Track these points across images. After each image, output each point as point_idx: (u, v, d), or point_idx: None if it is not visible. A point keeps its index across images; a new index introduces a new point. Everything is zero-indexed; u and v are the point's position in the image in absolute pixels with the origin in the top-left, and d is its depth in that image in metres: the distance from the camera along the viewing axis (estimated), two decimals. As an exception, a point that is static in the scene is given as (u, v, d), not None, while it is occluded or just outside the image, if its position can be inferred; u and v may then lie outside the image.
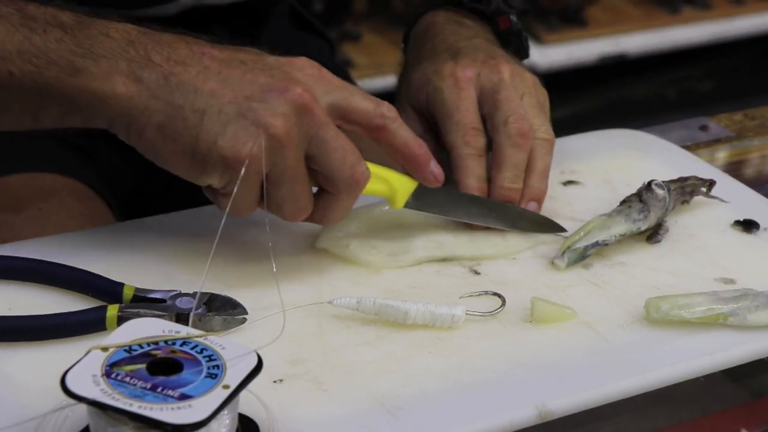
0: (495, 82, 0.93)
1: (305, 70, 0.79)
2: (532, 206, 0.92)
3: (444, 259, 0.87)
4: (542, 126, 0.94)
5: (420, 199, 0.87)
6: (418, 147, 0.84)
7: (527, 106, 0.94)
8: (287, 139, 0.76)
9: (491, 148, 0.93)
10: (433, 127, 0.97)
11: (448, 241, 0.89)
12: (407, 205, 0.87)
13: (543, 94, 0.97)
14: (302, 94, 0.77)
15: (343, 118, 0.80)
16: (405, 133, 0.83)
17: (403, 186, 0.86)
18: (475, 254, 0.88)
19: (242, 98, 0.76)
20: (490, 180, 0.92)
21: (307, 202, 0.80)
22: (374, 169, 0.83)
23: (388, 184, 0.85)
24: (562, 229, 0.91)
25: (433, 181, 0.85)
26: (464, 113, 0.92)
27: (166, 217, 0.91)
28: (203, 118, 0.75)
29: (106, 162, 1.13)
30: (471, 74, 0.94)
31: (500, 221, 0.90)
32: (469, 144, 0.91)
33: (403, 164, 0.85)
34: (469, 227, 0.90)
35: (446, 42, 0.99)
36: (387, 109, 0.82)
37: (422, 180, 0.86)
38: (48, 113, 0.78)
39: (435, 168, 0.85)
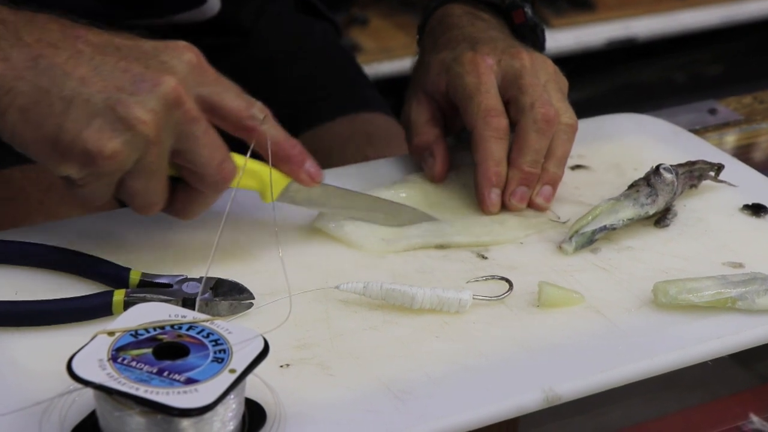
0: (517, 68, 0.93)
1: (183, 56, 0.76)
2: (546, 190, 0.92)
3: (440, 246, 0.87)
4: (567, 112, 0.93)
5: (294, 194, 0.84)
6: (291, 147, 0.82)
7: (551, 91, 0.93)
8: (154, 137, 0.73)
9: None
10: (445, 113, 0.96)
11: (445, 228, 0.88)
12: (280, 200, 0.84)
13: (564, 82, 0.96)
14: (175, 87, 0.73)
15: (213, 113, 0.77)
16: (277, 133, 0.80)
17: (274, 181, 0.82)
18: (471, 241, 0.87)
19: (113, 88, 0.72)
20: (508, 162, 0.91)
21: (160, 198, 0.77)
22: (245, 163, 0.80)
23: (258, 179, 0.82)
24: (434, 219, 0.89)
25: (309, 181, 0.83)
26: (485, 95, 0.91)
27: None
28: (70, 107, 0.72)
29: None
30: (491, 61, 0.93)
31: (379, 216, 0.88)
32: (490, 125, 0.90)
33: (277, 164, 0.82)
34: (468, 214, 0.90)
35: (464, 33, 0.98)
36: (258, 110, 0.79)
37: (297, 180, 0.83)
38: None
39: (311, 168, 0.83)
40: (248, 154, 0.79)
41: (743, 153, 1.09)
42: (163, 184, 0.77)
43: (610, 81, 2.79)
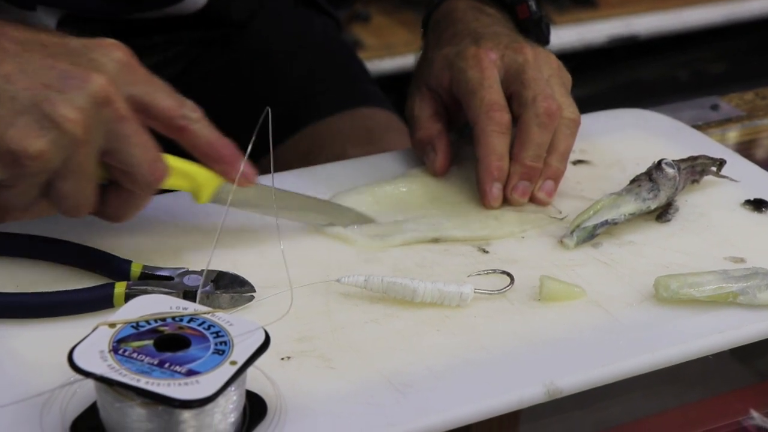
0: (520, 63, 0.93)
1: (112, 54, 0.74)
2: (548, 185, 0.92)
3: (436, 240, 0.87)
4: (569, 106, 0.93)
5: (227, 195, 0.80)
6: (224, 147, 0.79)
7: (554, 86, 0.93)
8: (82, 136, 0.70)
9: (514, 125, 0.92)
10: (448, 109, 0.96)
11: (442, 222, 0.88)
12: (213, 200, 0.81)
13: (567, 77, 0.96)
14: (104, 86, 0.71)
15: (144, 113, 0.75)
16: (209, 134, 0.78)
17: (207, 181, 0.80)
18: (467, 236, 0.87)
19: (39, 86, 0.70)
20: (510, 157, 0.91)
21: (89, 200, 0.74)
22: (177, 163, 0.79)
23: (191, 180, 0.80)
24: (371, 220, 0.89)
25: (243, 182, 0.80)
26: (488, 90, 0.91)
27: (174, 195, 0.91)
28: None
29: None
30: (494, 56, 0.93)
31: (316, 217, 0.87)
32: (493, 120, 0.90)
33: (209, 165, 0.79)
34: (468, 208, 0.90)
35: (468, 28, 0.98)
36: (190, 109, 0.77)
37: (231, 180, 0.80)
38: None
39: (246, 168, 0.80)
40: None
41: (745, 149, 1.09)
42: (93, 185, 0.74)
43: (612, 78, 2.78)
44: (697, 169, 0.95)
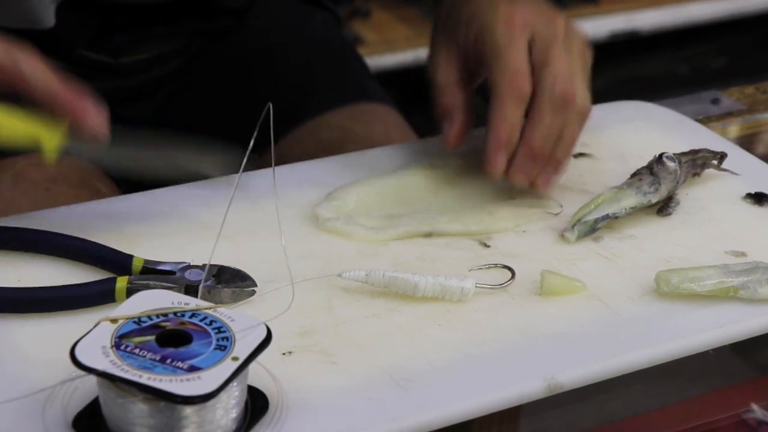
0: (549, 35, 0.90)
1: None
2: (549, 174, 0.90)
3: (428, 234, 0.87)
4: (584, 96, 0.90)
5: (76, 151, 0.78)
6: (65, 92, 0.74)
7: (576, 70, 0.90)
8: None
9: None
10: (471, 67, 0.94)
11: (435, 216, 0.88)
12: (65, 152, 0.77)
13: (588, 58, 0.93)
14: None
15: None
16: (44, 77, 0.73)
17: (50, 136, 0.76)
18: (460, 230, 0.87)
19: None
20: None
21: None
22: (6, 119, 0.75)
23: (30, 138, 0.76)
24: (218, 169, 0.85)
25: (95, 133, 0.76)
26: (515, 56, 0.88)
27: (175, 189, 0.91)
28: None
29: (116, 137, 1.13)
30: (526, 19, 0.90)
31: (165, 172, 0.84)
32: (514, 88, 0.88)
33: (54, 116, 0.75)
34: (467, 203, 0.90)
35: None
36: (20, 52, 0.73)
37: (86, 132, 0.75)
38: None
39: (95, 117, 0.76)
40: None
41: (746, 143, 1.09)
42: None
43: (614, 74, 2.78)
44: (698, 162, 0.94)
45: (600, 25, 2.68)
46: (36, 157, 1.02)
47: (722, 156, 0.96)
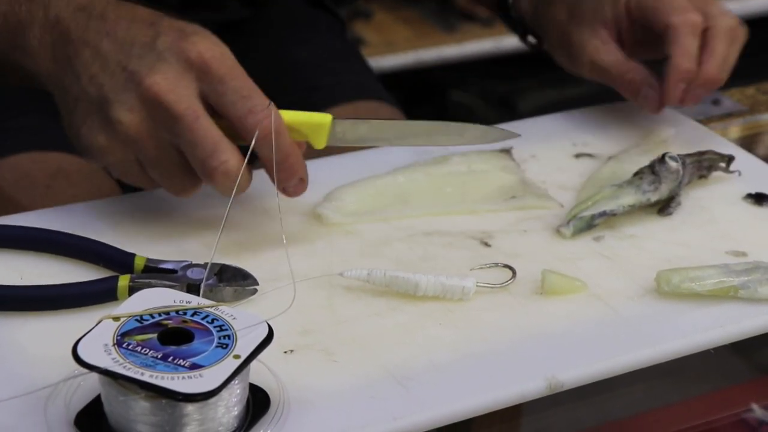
0: None
1: (187, 51, 0.76)
2: (697, 94, 0.96)
3: (429, 233, 0.87)
4: (728, 13, 0.97)
5: (341, 135, 0.83)
6: (291, 162, 0.79)
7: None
8: (135, 134, 0.76)
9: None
10: (625, 39, 0.98)
11: (435, 216, 0.89)
12: (330, 142, 0.83)
13: None
14: (153, 84, 0.75)
15: (214, 111, 0.78)
16: (267, 154, 0.78)
17: (318, 126, 0.82)
18: (460, 229, 0.87)
19: (107, 88, 0.77)
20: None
21: (185, 184, 0.79)
22: (285, 116, 0.79)
23: (301, 133, 0.81)
24: (513, 135, 0.88)
25: (286, 194, 0.81)
26: None
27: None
28: (77, 106, 0.78)
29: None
30: None
31: (443, 138, 0.86)
32: (688, 21, 0.93)
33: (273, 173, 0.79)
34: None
35: None
36: (252, 123, 0.77)
37: (282, 191, 0.80)
38: (9, 78, 0.84)
39: (297, 186, 0.81)
40: (248, 154, 0.78)
41: (746, 143, 1.09)
42: (179, 172, 0.78)
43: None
44: (704, 164, 0.94)
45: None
46: (37, 155, 1.03)
47: (730, 159, 0.96)
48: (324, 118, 0.82)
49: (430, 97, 2.26)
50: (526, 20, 1.08)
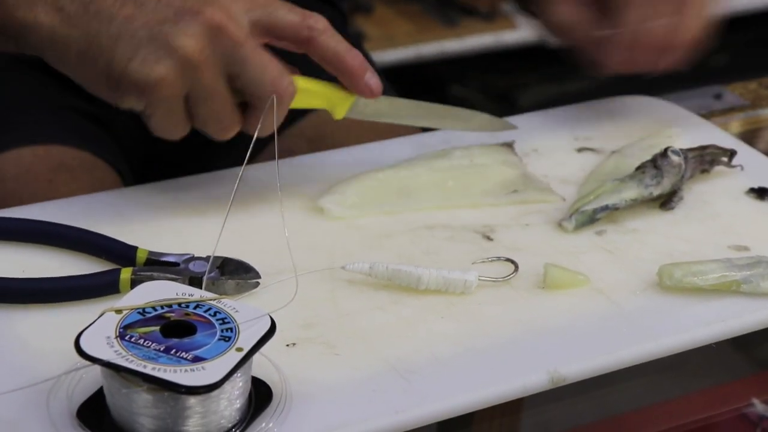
0: None
1: None
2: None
3: (431, 227, 0.87)
4: None
5: (362, 108, 0.86)
6: (352, 58, 0.83)
7: None
8: (200, 60, 0.76)
9: None
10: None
11: (438, 210, 0.89)
12: (349, 115, 0.86)
13: None
14: (214, 13, 0.76)
15: (270, 34, 0.80)
16: (336, 44, 0.82)
17: (341, 99, 0.85)
18: (462, 223, 0.87)
19: (155, 22, 0.76)
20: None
21: (230, 120, 0.80)
22: (309, 84, 0.84)
23: (324, 98, 0.85)
24: (512, 126, 0.92)
25: (369, 94, 0.85)
26: None
27: (179, 181, 0.91)
28: (117, 43, 0.76)
29: (120, 128, 1.13)
30: None
31: (452, 122, 0.91)
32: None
33: (338, 76, 0.84)
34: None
35: None
36: (315, 21, 0.81)
37: (359, 92, 0.85)
38: None
39: (371, 79, 0.84)
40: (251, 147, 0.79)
41: (748, 138, 1.09)
42: (229, 107, 0.79)
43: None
44: (706, 158, 0.94)
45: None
46: (38, 149, 1.02)
47: (732, 153, 0.96)
48: (346, 96, 0.85)
49: (431, 92, 2.26)
50: None
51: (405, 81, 1.02)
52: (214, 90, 0.78)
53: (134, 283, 0.74)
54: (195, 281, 0.76)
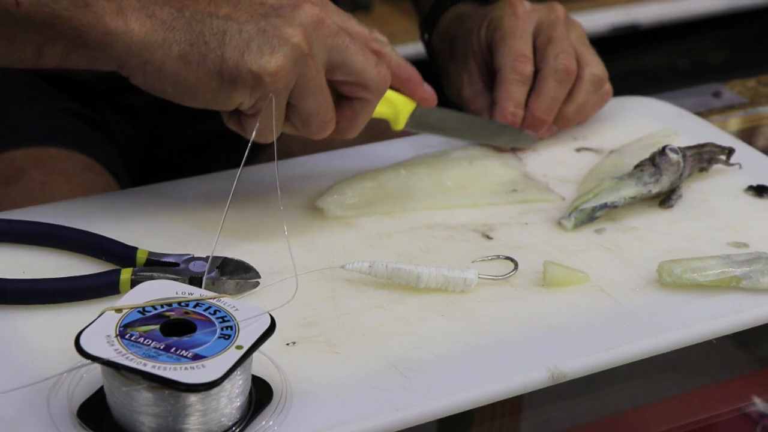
0: (552, 19, 0.99)
1: None
2: (552, 130, 0.98)
3: (431, 226, 0.87)
4: (597, 64, 0.99)
5: (417, 119, 0.90)
6: (412, 69, 0.88)
7: (581, 46, 0.99)
8: (308, 48, 0.77)
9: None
10: (491, 71, 1.00)
11: (437, 209, 0.89)
12: (407, 126, 0.90)
13: (587, 40, 1.02)
14: (312, 7, 0.78)
15: None
16: (397, 57, 0.86)
17: (404, 106, 0.89)
18: (462, 222, 0.88)
19: (258, 16, 0.77)
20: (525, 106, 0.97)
21: (332, 115, 0.81)
22: None
23: (392, 105, 0.88)
24: (533, 141, 0.98)
25: (429, 101, 0.89)
26: (518, 40, 0.97)
27: (178, 183, 0.91)
28: (225, 38, 0.76)
29: (117, 132, 1.13)
30: (529, 8, 0.99)
31: (481, 136, 0.96)
32: (516, 70, 0.96)
33: (399, 86, 0.88)
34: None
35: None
36: (379, 35, 0.85)
37: (419, 99, 0.89)
38: (52, 49, 0.76)
39: (428, 88, 0.89)
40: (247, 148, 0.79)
41: (747, 136, 1.09)
42: (330, 100, 0.80)
43: (614, 67, 2.78)
44: (704, 156, 0.94)
45: (600, 19, 2.68)
46: (32, 151, 1.02)
47: (730, 151, 0.96)
48: (408, 103, 0.89)
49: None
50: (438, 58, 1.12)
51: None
52: (320, 81, 0.78)
53: (134, 284, 0.74)
54: (195, 281, 0.76)
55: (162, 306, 0.66)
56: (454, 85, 1.04)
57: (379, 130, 1.14)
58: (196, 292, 0.68)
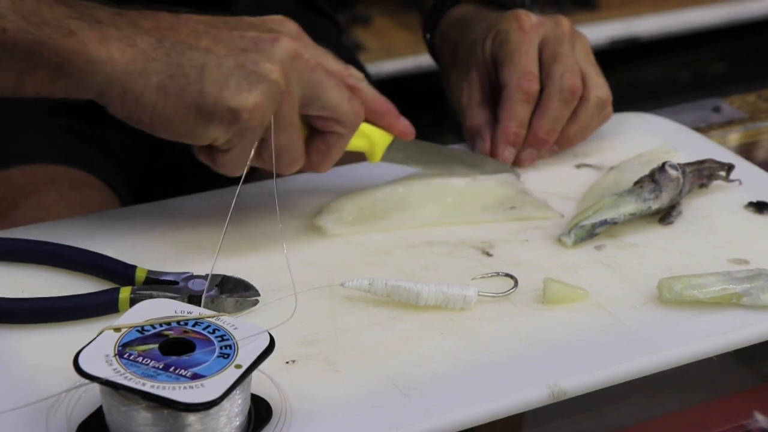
0: (558, 34, 0.98)
1: (285, 24, 0.81)
2: (553, 149, 0.98)
3: (430, 243, 0.87)
4: (601, 86, 0.99)
5: (394, 152, 0.90)
6: (387, 103, 0.88)
7: (587, 64, 0.98)
8: (285, 85, 0.77)
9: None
10: (493, 84, 1.00)
11: (436, 226, 0.89)
12: (384, 159, 0.90)
13: (592, 56, 1.01)
14: (291, 41, 0.78)
15: None
16: (373, 92, 0.86)
17: (380, 140, 0.89)
18: (461, 239, 0.87)
19: (237, 50, 0.77)
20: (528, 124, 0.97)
21: (302, 151, 0.81)
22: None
23: (368, 139, 0.88)
24: (512, 170, 0.97)
25: (406, 134, 0.89)
26: (524, 56, 0.96)
27: (177, 200, 0.91)
28: (204, 72, 0.75)
29: (116, 147, 1.13)
30: (536, 21, 0.98)
31: (459, 171, 0.94)
32: (522, 88, 0.96)
33: (376, 120, 0.87)
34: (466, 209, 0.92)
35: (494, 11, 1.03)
36: (354, 71, 0.84)
37: (396, 133, 0.89)
38: (34, 76, 0.75)
39: (405, 121, 0.89)
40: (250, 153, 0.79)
41: (747, 151, 1.09)
42: (302, 137, 0.81)
43: (614, 80, 2.78)
44: (704, 173, 0.94)
45: (600, 32, 2.69)
46: (27, 169, 1.02)
47: (730, 167, 0.96)
48: (384, 136, 0.89)
49: (430, 102, 2.26)
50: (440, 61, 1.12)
51: (404, 91, 1.02)
52: (293, 118, 0.79)
53: (133, 302, 0.74)
54: (194, 300, 0.76)
55: (161, 325, 0.66)
56: (454, 93, 1.03)
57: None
58: (195, 311, 0.67)
